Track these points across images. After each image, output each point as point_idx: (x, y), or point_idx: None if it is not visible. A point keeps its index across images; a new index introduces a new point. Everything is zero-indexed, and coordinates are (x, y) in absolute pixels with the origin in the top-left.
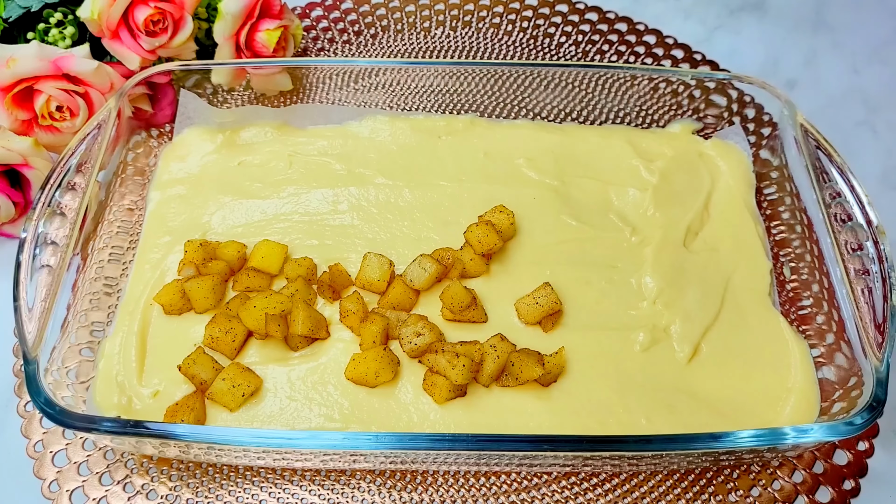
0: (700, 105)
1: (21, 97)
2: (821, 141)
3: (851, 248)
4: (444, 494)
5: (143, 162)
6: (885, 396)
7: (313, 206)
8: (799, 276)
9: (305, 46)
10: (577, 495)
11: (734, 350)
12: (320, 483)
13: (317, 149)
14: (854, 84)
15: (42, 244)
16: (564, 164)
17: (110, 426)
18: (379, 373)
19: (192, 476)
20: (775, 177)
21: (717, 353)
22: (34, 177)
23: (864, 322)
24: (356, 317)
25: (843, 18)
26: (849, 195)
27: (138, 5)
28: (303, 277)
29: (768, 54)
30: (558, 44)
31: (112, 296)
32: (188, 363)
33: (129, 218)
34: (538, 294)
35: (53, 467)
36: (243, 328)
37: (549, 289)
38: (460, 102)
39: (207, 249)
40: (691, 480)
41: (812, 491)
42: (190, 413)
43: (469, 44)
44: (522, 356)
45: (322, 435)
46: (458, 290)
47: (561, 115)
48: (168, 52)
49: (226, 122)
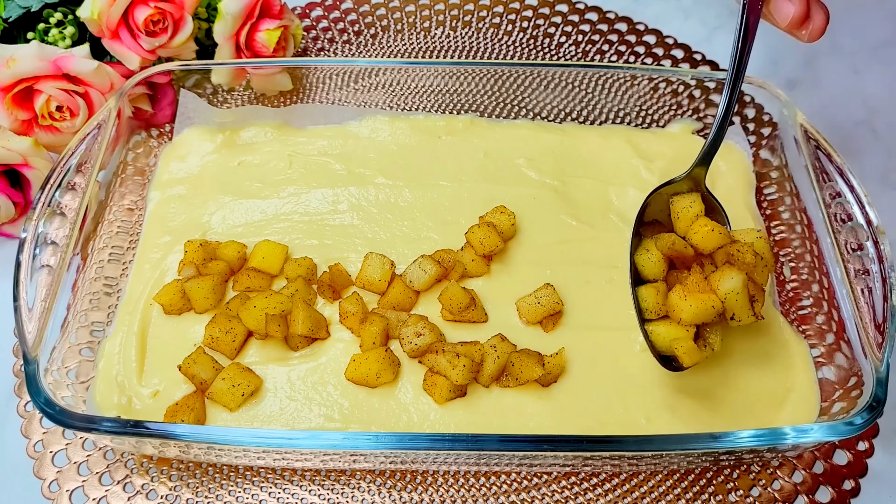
0: (700, 105)
1: (21, 97)
2: (821, 141)
3: (851, 248)
4: (444, 494)
5: (143, 162)
6: (885, 396)
7: (313, 205)
8: (799, 276)
9: (305, 46)
10: (577, 495)
11: (734, 350)
12: (320, 483)
13: (317, 149)
14: (854, 84)
15: (42, 244)
16: (564, 164)
17: (110, 426)
18: (380, 374)
19: (192, 476)
20: (775, 177)
21: (717, 353)
22: (34, 177)
23: (864, 322)
24: (356, 318)
25: (843, 18)
26: (849, 195)
27: (138, 5)
28: (303, 277)
29: (768, 54)
30: (558, 44)
31: (112, 296)
32: (188, 363)
33: (129, 218)
34: (540, 294)
35: (53, 467)
36: (243, 328)
37: (550, 289)
38: (460, 102)
39: (207, 250)
40: (691, 480)
41: (812, 491)
42: (190, 413)
43: (469, 44)
44: (523, 356)
45: (322, 435)
46: (457, 292)
47: (561, 115)
48: (168, 52)
49: (226, 122)
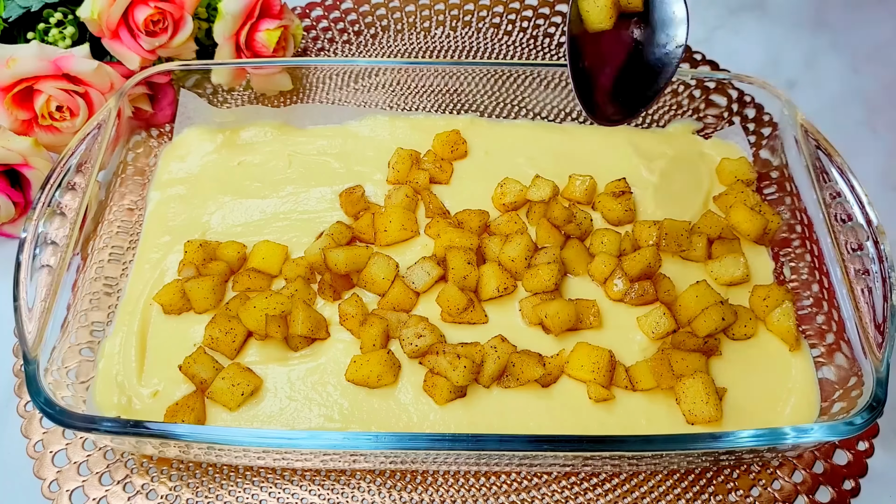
0: (700, 105)
1: (21, 97)
2: (821, 141)
3: (851, 248)
4: (444, 494)
5: (143, 162)
6: (885, 396)
7: (312, 204)
8: (799, 276)
9: (305, 46)
10: (577, 495)
11: (734, 350)
12: (320, 483)
13: (316, 148)
14: (854, 84)
15: (42, 244)
16: (565, 164)
17: (110, 426)
18: (381, 376)
19: (192, 476)
20: (775, 177)
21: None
22: (34, 177)
23: (864, 322)
24: (355, 320)
25: (843, 18)
26: (849, 195)
27: (138, 5)
28: (302, 277)
29: (768, 54)
30: (558, 44)
31: (112, 296)
32: (188, 363)
33: (129, 218)
34: (543, 294)
35: (53, 467)
36: (243, 328)
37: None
38: (460, 102)
39: (207, 250)
40: (691, 480)
41: (812, 491)
42: (190, 413)
43: (469, 44)
44: (523, 357)
45: (322, 435)
46: (455, 294)
47: (561, 115)
48: (168, 52)
49: (226, 122)
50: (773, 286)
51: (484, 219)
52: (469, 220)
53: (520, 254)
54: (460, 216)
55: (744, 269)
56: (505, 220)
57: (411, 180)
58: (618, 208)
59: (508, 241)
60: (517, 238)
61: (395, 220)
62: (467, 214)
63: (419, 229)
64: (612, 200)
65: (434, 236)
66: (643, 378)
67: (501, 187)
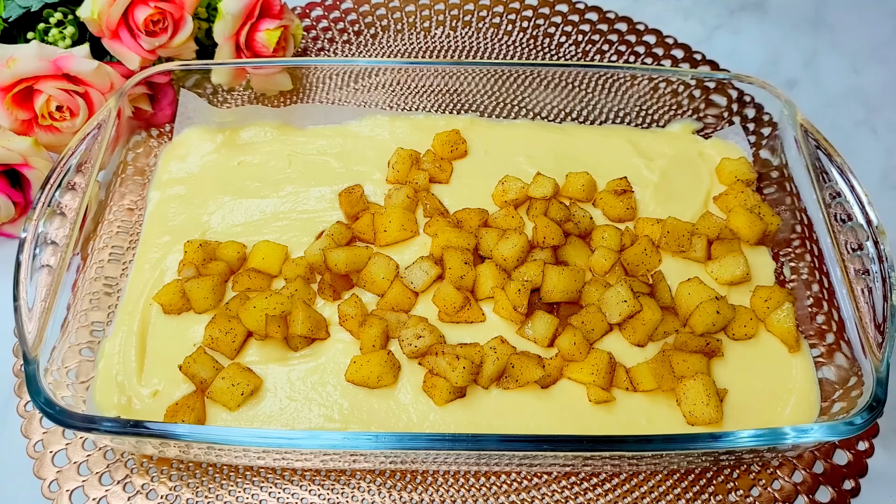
0: (700, 105)
1: (21, 97)
2: (821, 141)
3: (851, 248)
4: (444, 494)
5: (143, 162)
6: (885, 396)
7: (311, 204)
8: (799, 276)
9: (305, 46)
10: (577, 495)
11: (734, 350)
12: (320, 483)
13: (316, 148)
14: (854, 84)
15: (42, 244)
16: (565, 164)
17: (110, 426)
18: (381, 377)
19: (192, 476)
20: (775, 177)
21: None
22: (34, 177)
23: (864, 322)
24: (355, 321)
25: (843, 18)
26: (849, 195)
27: (138, 5)
28: (302, 277)
29: (768, 54)
30: (558, 44)
31: (112, 296)
32: (188, 362)
33: (129, 218)
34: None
35: (53, 467)
36: (243, 328)
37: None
38: (460, 102)
39: (207, 250)
40: (691, 480)
41: (812, 491)
42: (190, 413)
43: (469, 44)
44: (522, 358)
45: (322, 435)
46: (450, 292)
47: (561, 115)
48: (168, 52)
49: (226, 121)
50: (775, 287)
51: (483, 217)
52: (468, 218)
53: (513, 254)
54: (459, 215)
55: (744, 269)
56: (503, 213)
57: (411, 180)
58: (619, 206)
59: (504, 238)
60: (513, 237)
61: (395, 221)
62: (467, 213)
63: (419, 229)
64: (613, 198)
65: (432, 235)
66: (644, 379)
67: (503, 184)
